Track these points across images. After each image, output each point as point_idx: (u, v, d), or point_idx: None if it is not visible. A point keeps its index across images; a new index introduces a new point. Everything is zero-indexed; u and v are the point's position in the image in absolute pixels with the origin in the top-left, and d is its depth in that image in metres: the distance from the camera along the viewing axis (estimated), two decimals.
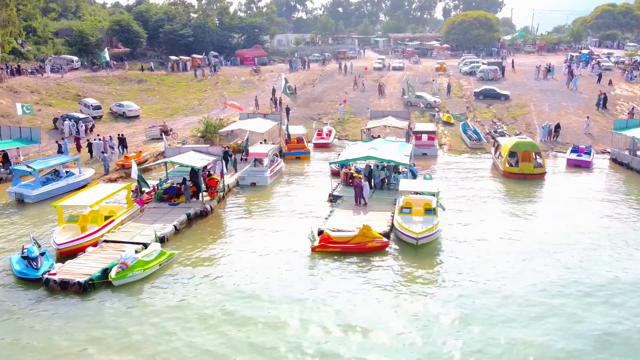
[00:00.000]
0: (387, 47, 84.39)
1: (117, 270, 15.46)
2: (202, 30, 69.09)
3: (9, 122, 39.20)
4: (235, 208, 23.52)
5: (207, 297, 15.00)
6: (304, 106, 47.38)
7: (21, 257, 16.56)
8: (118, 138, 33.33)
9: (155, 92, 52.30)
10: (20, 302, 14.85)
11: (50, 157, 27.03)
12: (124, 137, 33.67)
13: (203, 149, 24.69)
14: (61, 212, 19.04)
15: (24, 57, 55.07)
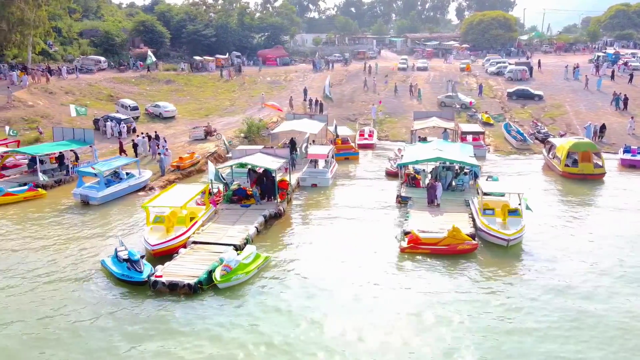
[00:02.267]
0: (404, 47, 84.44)
1: (222, 273, 15.48)
2: (223, 30, 69.09)
3: (49, 124, 39.32)
4: (305, 209, 23.55)
5: (310, 301, 15.01)
6: (337, 106, 47.43)
7: (118, 259, 16.57)
8: (153, 137, 33.56)
9: (184, 93, 52.26)
10: (141, 307, 14.82)
11: (111, 159, 26.99)
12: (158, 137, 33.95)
13: (270, 151, 24.70)
14: (149, 212, 19.06)
15: (52, 57, 55.02)
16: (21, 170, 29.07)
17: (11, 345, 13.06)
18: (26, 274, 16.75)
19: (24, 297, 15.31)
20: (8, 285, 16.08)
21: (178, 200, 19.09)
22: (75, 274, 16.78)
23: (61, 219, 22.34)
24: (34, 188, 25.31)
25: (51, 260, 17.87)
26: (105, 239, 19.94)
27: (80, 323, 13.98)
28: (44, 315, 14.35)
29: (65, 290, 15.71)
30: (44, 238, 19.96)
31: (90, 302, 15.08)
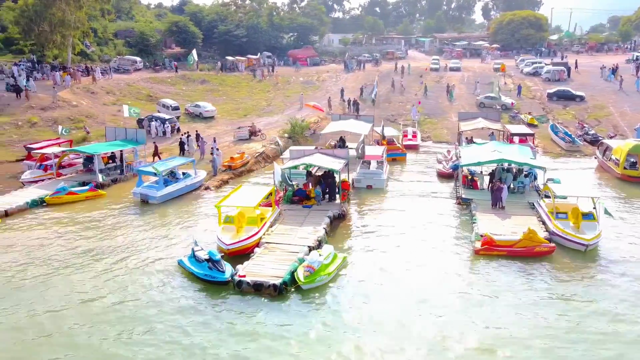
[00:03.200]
0: (432, 48, 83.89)
1: (306, 274, 15.49)
2: (254, 30, 69.38)
3: (94, 123, 39.95)
4: (365, 211, 23.45)
5: (392, 305, 14.88)
6: (374, 107, 47.26)
7: (196, 259, 16.68)
8: (201, 137, 33.90)
9: (220, 93, 52.63)
10: (224, 306, 14.90)
11: (168, 159, 27.22)
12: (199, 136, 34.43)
13: (329, 151, 24.69)
14: (221, 212, 19.17)
15: (90, 58, 55.80)
16: (76, 169, 29.54)
17: (106, 347, 13.19)
18: (102, 274, 16.87)
19: (107, 298, 15.41)
20: (90, 286, 16.31)
21: (250, 201, 19.16)
22: (152, 275, 16.85)
23: (125, 219, 22.55)
24: (95, 188, 25.66)
25: (123, 260, 18.03)
26: (171, 239, 20.05)
27: (165, 322, 14.05)
28: (128, 314, 14.48)
29: (145, 291, 15.77)
30: (111, 237, 20.12)
31: (172, 301, 15.14)
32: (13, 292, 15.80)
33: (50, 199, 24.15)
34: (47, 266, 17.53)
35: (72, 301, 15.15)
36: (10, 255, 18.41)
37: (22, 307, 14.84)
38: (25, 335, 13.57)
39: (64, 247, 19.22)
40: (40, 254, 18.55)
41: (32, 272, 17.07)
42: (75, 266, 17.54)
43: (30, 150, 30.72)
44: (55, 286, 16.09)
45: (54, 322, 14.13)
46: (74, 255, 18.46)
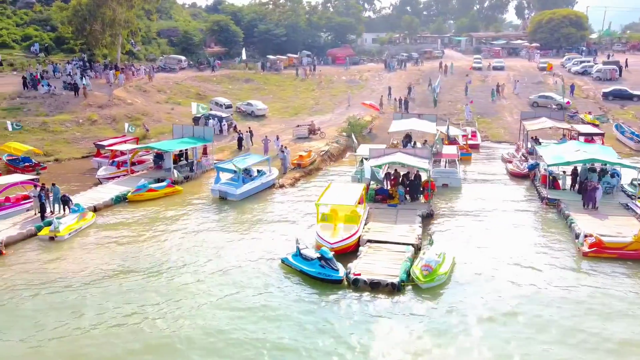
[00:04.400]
0: (468, 47, 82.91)
1: (424, 273, 15.29)
2: (292, 29, 69.44)
3: (150, 121, 40.30)
4: (449, 209, 23.12)
5: (510, 306, 14.62)
6: (424, 106, 46.78)
7: (303, 257, 16.61)
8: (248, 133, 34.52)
9: (266, 91, 52.71)
10: (341, 305, 14.83)
11: (244, 156, 27.20)
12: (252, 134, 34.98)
13: (410, 150, 24.47)
14: (319, 210, 19.09)
15: (136, 57, 56.42)
16: (146, 166, 29.80)
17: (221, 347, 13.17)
18: (205, 275, 16.79)
19: (225, 300, 15.29)
20: (203, 288, 16.34)
21: (348, 199, 19.04)
22: (256, 273, 16.77)
23: (209, 216, 22.65)
24: (171, 184, 25.83)
25: (223, 258, 18.02)
26: (262, 237, 20.02)
27: (290, 321, 13.99)
28: (239, 313, 14.44)
29: (253, 290, 15.63)
30: (201, 236, 20.15)
31: (285, 301, 15.07)
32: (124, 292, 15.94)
33: (132, 196, 24.38)
34: (149, 265, 17.61)
35: (193, 304, 15.02)
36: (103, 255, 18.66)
37: (149, 311, 14.88)
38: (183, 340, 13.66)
39: (158, 245, 19.33)
40: (135, 251, 18.66)
41: (134, 277, 17.02)
42: (177, 266, 17.56)
43: (100, 147, 31.12)
44: (165, 286, 16.08)
45: (189, 324, 14.07)
46: (172, 253, 18.55)
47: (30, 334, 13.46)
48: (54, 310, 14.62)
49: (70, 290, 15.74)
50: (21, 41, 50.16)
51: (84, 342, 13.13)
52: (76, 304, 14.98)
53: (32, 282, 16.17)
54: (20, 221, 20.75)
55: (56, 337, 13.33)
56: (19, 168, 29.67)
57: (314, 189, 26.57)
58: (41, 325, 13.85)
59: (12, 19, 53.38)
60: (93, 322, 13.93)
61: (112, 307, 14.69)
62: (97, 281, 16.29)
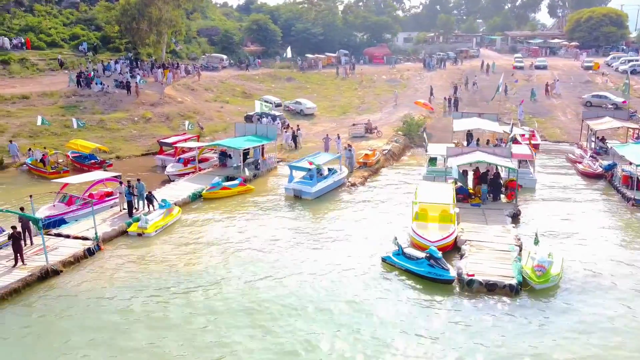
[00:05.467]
0: (504, 46, 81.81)
1: (538, 274, 14.95)
2: (329, 28, 69.30)
3: (202, 119, 40.40)
4: (530, 210, 22.68)
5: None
6: (472, 105, 46.20)
7: (407, 257, 16.38)
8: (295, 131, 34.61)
9: (309, 90, 52.59)
10: (453, 306, 14.59)
11: (315, 154, 27.04)
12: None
13: (489, 149, 24.08)
14: (414, 209, 18.86)
15: (178, 55, 56.77)
16: (211, 164, 29.86)
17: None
18: (305, 277, 16.60)
19: (334, 303, 15.14)
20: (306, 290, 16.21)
21: (444, 198, 18.76)
22: (358, 272, 16.57)
23: (288, 214, 22.56)
24: (244, 183, 25.80)
25: (319, 258, 17.83)
26: (349, 235, 19.84)
27: (401, 325, 13.81)
28: (345, 311, 14.29)
29: (360, 291, 15.43)
30: (286, 235, 20.08)
31: (395, 302, 14.86)
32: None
33: (207, 194, 24.43)
34: (244, 263, 17.57)
35: (308, 304, 14.93)
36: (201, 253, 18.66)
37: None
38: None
39: (248, 243, 19.27)
40: (227, 249, 18.67)
41: (234, 276, 17.00)
42: (275, 266, 17.49)
43: (164, 144, 31.29)
44: (269, 287, 15.99)
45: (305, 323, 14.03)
46: (266, 252, 18.49)
47: (152, 327, 13.51)
48: (163, 305, 14.66)
49: (168, 286, 15.78)
50: (69, 40, 50.75)
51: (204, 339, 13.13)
52: (180, 299, 14.99)
53: (130, 278, 16.28)
54: (107, 217, 20.89)
55: (176, 331, 13.36)
56: (86, 165, 30.01)
57: (385, 188, 26.42)
58: (160, 320, 13.89)
59: (58, 19, 54.07)
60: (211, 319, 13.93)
61: (224, 304, 14.67)
62: (197, 279, 16.30)
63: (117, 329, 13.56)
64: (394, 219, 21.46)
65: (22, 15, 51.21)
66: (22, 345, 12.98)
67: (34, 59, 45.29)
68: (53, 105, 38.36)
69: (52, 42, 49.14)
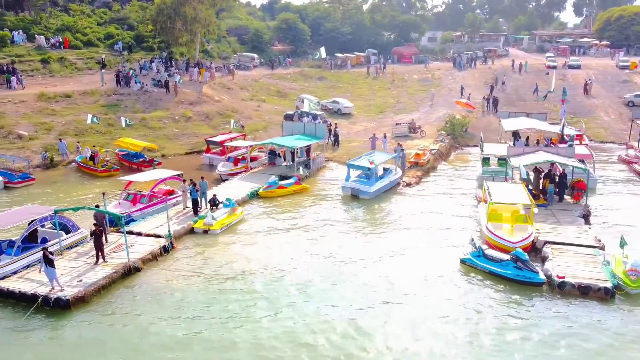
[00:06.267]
0: (531, 45, 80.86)
1: (633, 278, 14.57)
2: (357, 27, 69.04)
3: (241, 118, 40.35)
4: (599, 210, 22.21)
5: None
6: (510, 105, 45.63)
7: (489, 258, 16.10)
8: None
9: (341, 89, 52.38)
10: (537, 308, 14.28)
11: (370, 154, 26.79)
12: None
13: (553, 149, 23.68)
14: (489, 210, 18.56)
15: (210, 55, 56.87)
16: (260, 163, 29.77)
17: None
18: (380, 277, 16.53)
19: (420, 309, 14.98)
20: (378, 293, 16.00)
21: (520, 198, 18.44)
22: (440, 275, 16.29)
23: (351, 213, 22.40)
24: (299, 182, 25.66)
25: (389, 256, 17.69)
26: (418, 236, 19.60)
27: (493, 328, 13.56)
28: (429, 315, 14.06)
29: (453, 295, 15.17)
30: (354, 236, 19.91)
31: (485, 305, 14.59)
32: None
33: (263, 192, 24.35)
34: (316, 264, 17.43)
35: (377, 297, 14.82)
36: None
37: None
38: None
39: (313, 243, 19.15)
40: (297, 248, 18.56)
41: (310, 275, 16.91)
42: (350, 266, 17.34)
43: (211, 143, 31.28)
44: (348, 287, 15.88)
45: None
46: (336, 252, 18.34)
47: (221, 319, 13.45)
48: (232, 303, 14.61)
49: (240, 282, 15.68)
50: (104, 39, 51.07)
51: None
52: (263, 300, 14.88)
53: (209, 277, 16.24)
54: (172, 216, 20.85)
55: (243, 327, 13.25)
56: (134, 163, 30.11)
57: (440, 188, 26.13)
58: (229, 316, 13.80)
59: (92, 18, 54.46)
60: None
61: (309, 306, 14.54)
62: (269, 277, 16.19)
63: (209, 328, 13.48)
64: (457, 220, 21.18)
65: (58, 14, 51.71)
66: (115, 343, 12.95)
67: (72, 58, 45.67)
68: (95, 103, 38.60)
69: (88, 42, 49.48)
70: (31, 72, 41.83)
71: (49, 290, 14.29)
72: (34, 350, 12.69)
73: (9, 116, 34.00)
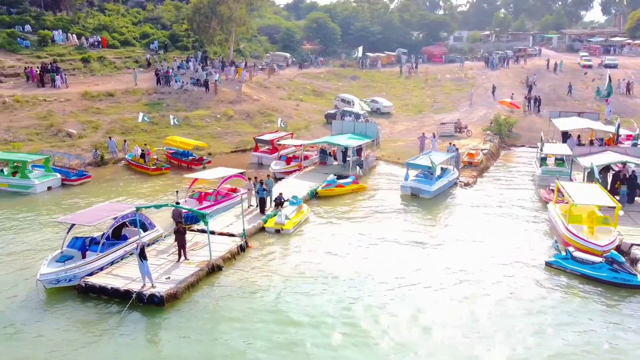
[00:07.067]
0: (561, 44, 79.75)
1: None
2: (387, 27, 68.73)
3: (282, 117, 40.23)
4: None
5: None
6: (550, 104, 44.96)
7: (577, 260, 15.72)
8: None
9: (376, 89, 52.04)
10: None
11: (426, 153, 26.48)
12: None
13: (620, 149, 23.19)
14: (572, 211, 18.17)
15: (242, 54, 56.96)
16: (312, 162, 29.61)
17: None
18: (460, 282, 16.24)
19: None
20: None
21: (602, 200, 18.00)
22: (526, 278, 15.95)
23: (416, 216, 22.02)
24: (356, 181, 25.43)
25: (469, 259, 17.38)
26: (495, 238, 19.22)
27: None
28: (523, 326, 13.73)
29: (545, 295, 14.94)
30: (415, 231, 19.74)
31: (585, 307, 14.26)
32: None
33: (322, 191, 24.16)
34: (403, 269, 17.20)
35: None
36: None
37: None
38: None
39: (392, 245, 18.91)
40: (369, 248, 18.34)
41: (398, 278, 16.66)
42: (432, 269, 17.09)
43: (260, 142, 31.20)
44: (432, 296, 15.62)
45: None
46: (414, 254, 18.14)
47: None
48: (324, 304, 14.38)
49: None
50: (140, 39, 51.38)
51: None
52: (358, 303, 14.67)
53: (290, 276, 16.09)
54: (238, 214, 20.68)
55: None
56: (185, 161, 30.16)
57: (498, 188, 25.77)
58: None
59: (126, 18, 54.86)
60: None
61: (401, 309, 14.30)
62: (357, 282, 15.99)
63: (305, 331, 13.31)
64: (525, 221, 20.82)
65: (95, 14, 52.15)
66: (213, 343, 12.84)
67: (110, 57, 45.96)
68: (137, 102, 38.76)
69: (124, 41, 49.80)
70: (73, 71, 42.19)
71: (141, 287, 14.24)
72: (133, 347, 12.61)
73: (56, 114, 34.28)
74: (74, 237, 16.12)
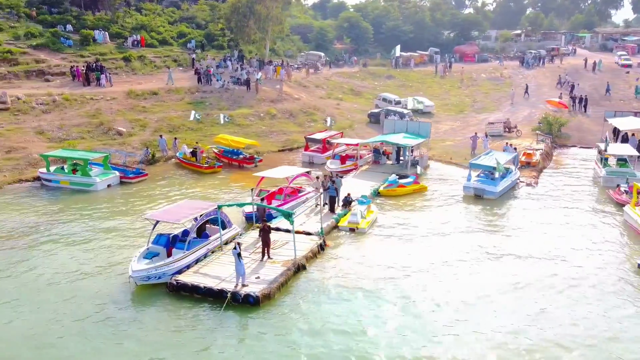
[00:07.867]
0: (594, 43, 78.34)
1: None
2: (418, 26, 68.19)
3: (323, 115, 40.03)
4: None
5: None
6: (594, 104, 44.09)
7: None
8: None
9: (413, 88, 51.50)
10: None
11: (487, 153, 26.06)
12: None
13: None
14: None
15: (276, 53, 56.89)
16: (365, 161, 29.34)
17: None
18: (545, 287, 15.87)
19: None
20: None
21: None
22: (616, 279, 15.65)
23: (483, 217, 21.66)
24: (417, 181, 25.10)
25: (553, 264, 17.03)
26: (558, 236, 18.90)
27: None
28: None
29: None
30: (487, 233, 19.37)
31: None
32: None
33: (384, 191, 23.92)
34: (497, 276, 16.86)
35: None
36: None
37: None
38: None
39: (472, 250, 18.61)
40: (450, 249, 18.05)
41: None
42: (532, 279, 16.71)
43: (310, 140, 31.02)
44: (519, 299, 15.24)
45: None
46: (496, 255, 17.81)
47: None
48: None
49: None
50: (177, 38, 51.59)
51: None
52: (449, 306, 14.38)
53: (373, 276, 15.88)
54: (308, 213, 20.55)
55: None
56: (236, 160, 30.10)
57: (562, 188, 25.28)
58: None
59: (162, 17, 55.13)
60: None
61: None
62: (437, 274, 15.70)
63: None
64: (598, 222, 20.46)
65: (133, 14, 52.50)
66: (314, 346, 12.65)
67: (150, 56, 46.19)
68: (181, 101, 38.86)
69: (162, 40, 50.04)
70: (115, 70, 42.47)
71: (235, 286, 14.10)
72: (238, 348, 12.47)
73: (104, 113, 34.49)
74: (159, 234, 16.06)
